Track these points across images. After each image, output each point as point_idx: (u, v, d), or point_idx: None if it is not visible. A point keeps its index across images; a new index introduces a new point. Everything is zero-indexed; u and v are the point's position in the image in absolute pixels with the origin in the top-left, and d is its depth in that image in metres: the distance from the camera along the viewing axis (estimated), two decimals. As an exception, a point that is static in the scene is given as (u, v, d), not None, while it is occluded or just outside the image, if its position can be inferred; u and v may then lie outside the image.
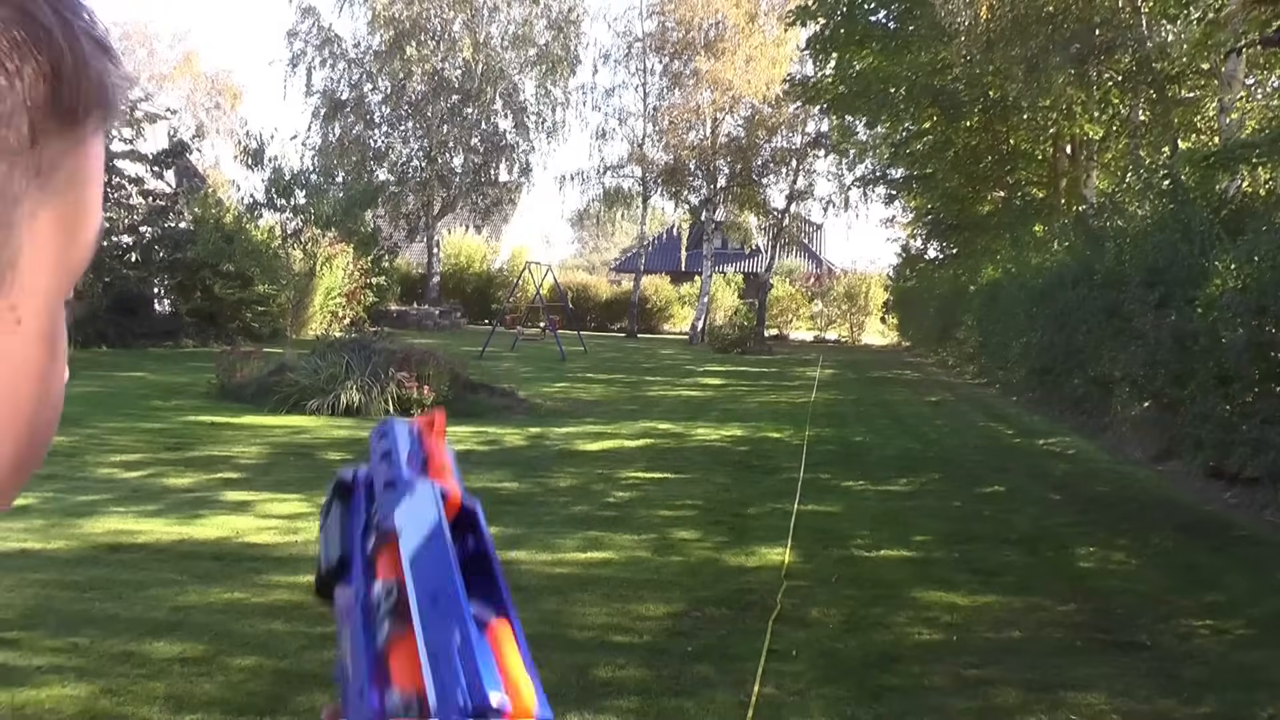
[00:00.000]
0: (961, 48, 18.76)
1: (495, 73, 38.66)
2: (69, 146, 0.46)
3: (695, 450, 11.62)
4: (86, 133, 0.47)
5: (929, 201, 29.93)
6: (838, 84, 24.51)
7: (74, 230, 0.48)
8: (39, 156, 0.44)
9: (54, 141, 0.44)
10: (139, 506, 7.55)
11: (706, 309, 39.29)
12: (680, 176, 38.27)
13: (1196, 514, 8.89)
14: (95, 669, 4.41)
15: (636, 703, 4.34)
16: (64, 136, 0.45)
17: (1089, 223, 17.40)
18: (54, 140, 0.44)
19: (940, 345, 30.18)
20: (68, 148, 0.45)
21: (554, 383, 19.21)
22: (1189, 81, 18.51)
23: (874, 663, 4.92)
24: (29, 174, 0.43)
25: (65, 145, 0.45)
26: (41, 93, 0.43)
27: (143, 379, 16.20)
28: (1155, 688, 4.72)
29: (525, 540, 7.05)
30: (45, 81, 0.43)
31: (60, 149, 0.45)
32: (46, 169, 0.44)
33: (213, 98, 49.75)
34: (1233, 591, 6.50)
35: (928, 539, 7.61)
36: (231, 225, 23.85)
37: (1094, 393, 13.91)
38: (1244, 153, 11.83)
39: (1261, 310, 9.05)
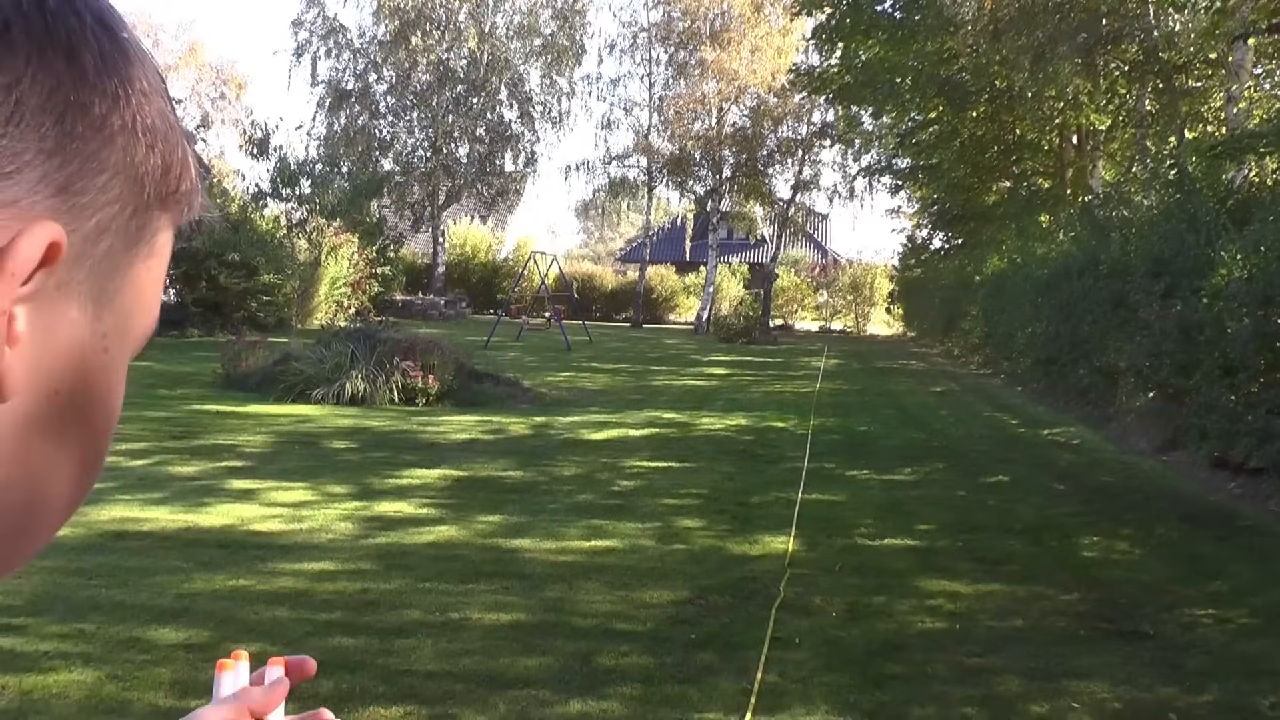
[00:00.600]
0: (968, 37, 18.75)
1: (500, 63, 38.64)
2: (165, 223, 0.53)
3: (700, 440, 11.63)
4: (176, 217, 0.54)
5: (935, 191, 29.92)
6: (843, 74, 24.51)
7: (151, 298, 0.55)
8: (150, 219, 0.51)
9: (160, 215, 0.52)
10: (145, 494, 7.56)
11: (711, 299, 39.30)
12: (685, 167, 38.26)
13: (1201, 504, 8.88)
14: (101, 655, 4.43)
15: (640, 690, 4.35)
16: (166, 215, 0.53)
17: (1095, 213, 17.39)
18: (160, 213, 0.52)
19: (946, 336, 30.17)
20: (164, 224, 0.53)
21: (559, 372, 19.21)
22: (1196, 71, 18.48)
23: (877, 651, 4.93)
24: (143, 230, 0.51)
25: (163, 220, 0.53)
26: (159, 165, 0.50)
27: (148, 368, 16.21)
28: (1158, 676, 4.72)
29: (529, 528, 7.06)
30: (165, 160, 0.51)
31: (160, 221, 0.53)
32: (148, 233, 0.52)
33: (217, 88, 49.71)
34: (1236, 581, 6.49)
35: (931, 528, 7.62)
36: (237, 215, 23.84)
37: (1099, 383, 13.91)
38: (1251, 142, 11.80)
39: (1267, 300, 9.04)
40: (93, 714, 3.89)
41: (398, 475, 8.80)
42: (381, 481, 8.51)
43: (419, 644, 4.75)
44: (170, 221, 0.54)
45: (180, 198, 0.53)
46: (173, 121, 0.52)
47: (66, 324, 0.48)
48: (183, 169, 0.52)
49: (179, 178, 0.52)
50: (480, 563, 6.16)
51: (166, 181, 0.51)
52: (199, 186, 0.55)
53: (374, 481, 8.48)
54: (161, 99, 0.51)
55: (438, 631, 4.92)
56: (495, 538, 6.81)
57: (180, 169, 0.52)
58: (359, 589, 5.54)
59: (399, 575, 5.81)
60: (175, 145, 0.52)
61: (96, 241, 0.48)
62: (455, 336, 20.32)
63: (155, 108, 0.50)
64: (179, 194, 0.53)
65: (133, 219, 0.50)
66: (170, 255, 0.56)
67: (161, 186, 0.51)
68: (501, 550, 6.49)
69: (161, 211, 0.52)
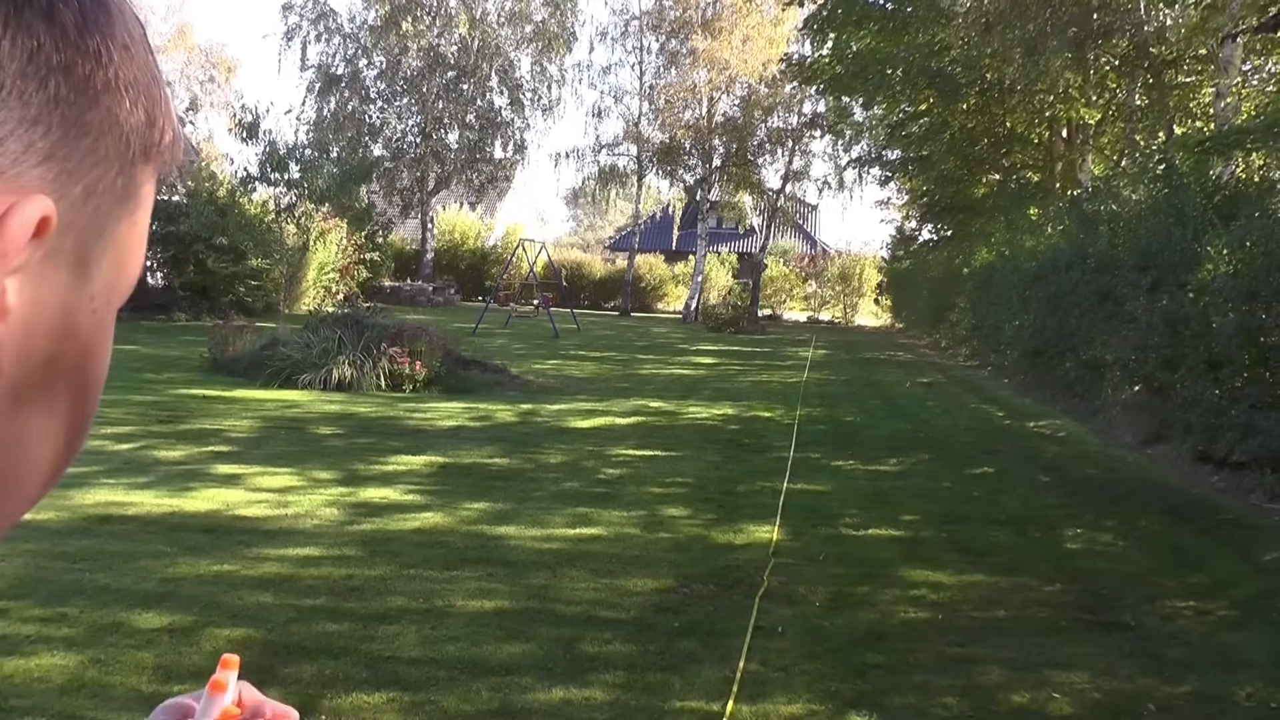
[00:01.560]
0: (959, 29, 18.74)
1: (491, 49, 38.53)
2: (148, 175, 0.52)
3: (686, 428, 11.64)
4: (158, 168, 0.53)
5: (924, 183, 29.93)
6: (835, 64, 24.44)
7: (137, 249, 0.53)
8: (135, 174, 0.50)
9: (144, 168, 0.51)
10: (130, 478, 7.55)
11: (700, 288, 39.30)
12: (676, 155, 38.23)
13: (1184, 497, 8.93)
14: (84, 639, 4.43)
15: (623, 677, 4.36)
16: (147, 165, 0.51)
17: (1083, 206, 17.43)
18: (144, 167, 0.51)
19: (933, 327, 30.23)
20: (147, 176, 0.52)
21: (546, 360, 19.21)
22: (1186, 66, 18.51)
23: (860, 640, 4.95)
24: (129, 186, 0.50)
25: (146, 173, 0.52)
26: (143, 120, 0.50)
27: (135, 352, 16.17)
28: (1138, 667, 4.75)
29: (515, 516, 7.07)
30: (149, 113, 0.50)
31: (144, 174, 0.52)
32: (133, 188, 0.51)
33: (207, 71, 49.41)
34: (1217, 573, 6.54)
35: (916, 519, 7.64)
36: (225, 199, 23.73)
37: (1085, 376, 13.95)
38: (1239, 138, 11.84)
39: (1252, 295, 9.08)
40: (74, 698, 3.89)
41: (384, 461, 8.80)
42: (367, 467, 8.50)
43: (403, 630, 4.75)
44: (153, 173, 0.53)
45: (164, 149, 0.52)
46: (154, 72, 0.51)
47: (55, 290, 0.47)
48: (165, 120, 0.52)
49: (162, 129, 0.51)
50: (465, 549, 6.16)
51: (150, 135, 0.50)
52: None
53: (360, 467, 8.48)
54: (143, 50, 0.50)
55: (421, 618, 4.93)
56: (480, 525, 6.82)
57: (163, 120, 0.51)
58: (344, 575, 5.54)
59: (384, 561, 5.81)
60: (157, 97, 0.51)
61: (84, 206, 0.47)
62: (443, 323, 20.31)
63: (137, 61, 0.49)
64: (162, 145, 0.52)
65: (119, 178, 0.49)
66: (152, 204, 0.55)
67: (145, 140, 0.50)
68: (486, 537, 6.50)
69: (145, 165, 0.51)
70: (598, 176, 40.69)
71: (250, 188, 21.55)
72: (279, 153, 19.76)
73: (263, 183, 20.63)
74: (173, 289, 24.38)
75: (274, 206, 21.59)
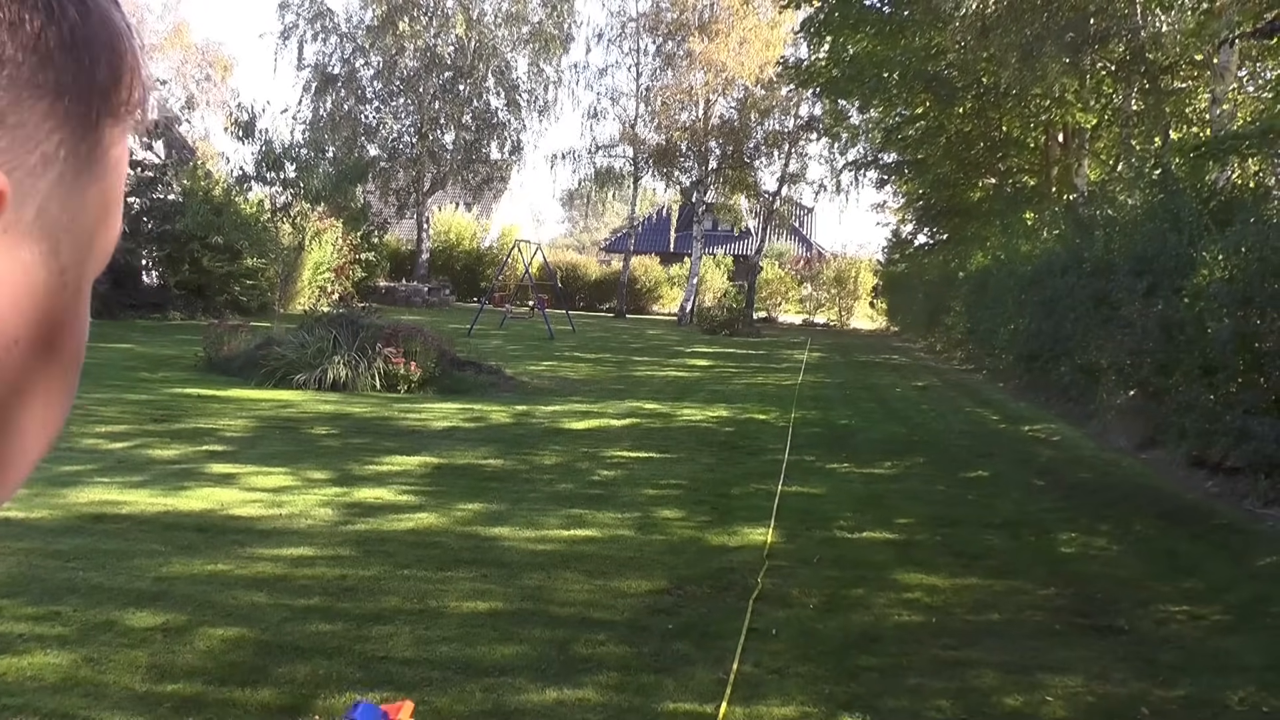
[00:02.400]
0: (956, 33, 18.74)
1: (488, 50, 38.49)
2: (117, 136, 0.49)
3: (681, 430, 11.64)
4: (127, 127, 0.50)
5: (920, 187, 29.95)
6: (831, 67, 24.43)
7: (110, 214, 0.51)
8: (101, 136, 0.48)
9: (111, 129, 0.48)
10: (124, 477, 7.54)
11: (695, 290, 39.31)
12: (672, 157, 38.23)
13: (1178, 502, 8.94)
14: (77, 638, 4.41)
15: (616, 679, 4.36)
16: (115, 125, 0.49)
17: (1079, 211, 17.44)
18: (108, 125, 0.48)
19: (928, 331, 30.25)
20: (116, 137, 0.49)
21: (541, 361, 19.21)
22: (1182, 72, 18.53)
23: (853, 643, 4.95)
24: (94, 150, 0.47)
25: (115, 134, 0.49)
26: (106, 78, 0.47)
27: (130, 350, 16.15)
28: (1131, 671, 4.76)
29: (509, 517, 7.07)
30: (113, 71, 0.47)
31: (112, 135, 0.49)
32: (100, 152, 0.48)
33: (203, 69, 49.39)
34: (1211, 578, 6.54)
35: (910, 522, 7.64)
36: (220, 198, 23.71)
37: (1080, 380, 13.96)
38: (1234, 144, 11.85)
39: (1247, 301, 9.09)
40: (67, 697, 3.88)
41: (378, 462, 8.79)
42: (362, 468, 8.50)
43: (396, 631, 4.75)
44: (123, 133, 0.50)
45: (133, 107, 0.49)
46: (118, 26, 0.48)
47: (19, 268, 0.45)
48: (133, 76, 0.49)
49: (130, 86, 0.48)
50: (459, 550, 6.16)
51: (116, 94, 0.48)
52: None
53: (354, 467, 8.47)
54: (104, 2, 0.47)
55: (415, 618, 4.92)
56: (475, 525, 6.81)
57: (131, 77, 0.48)
58: (337, 575, 5.53)
59: (378, 562, 5.81)
60: (123, 52, 0.48)
61: (43, 174, 0.44)
62: (438, 324, 20.29)
63: (96, 14, 0.46)
64: (131, 103, 0.49)
65: (82, 142, 0.46)
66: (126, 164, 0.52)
67: (111, 100, 0.48)
68: (480, 538, 6.50)
69: (113, 125, 0.49)
70: (594, 178, 40.67)
71: (246, 187, 21.50)
72: (275, 152, 19.71)
73: (258, 182, 20.59)
74: (168, 288, 24.36)
75: (269, 206, 21.55)
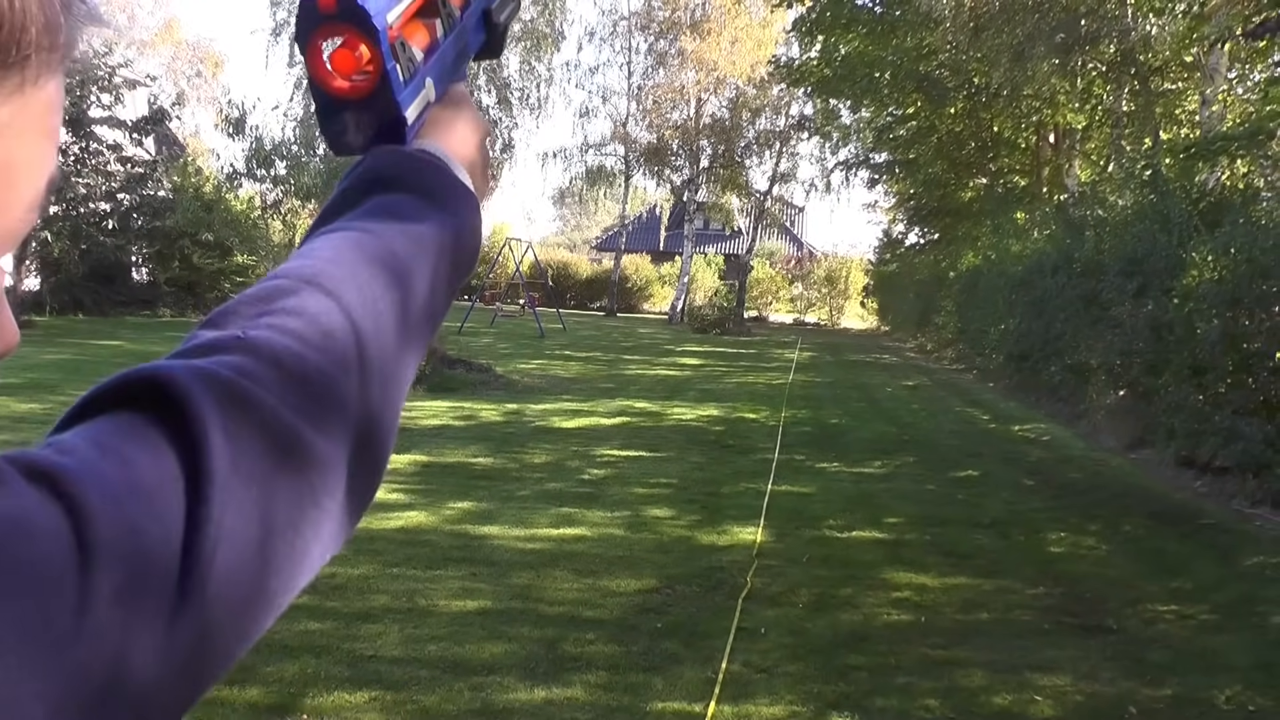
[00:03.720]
0: (947, 34, 18.77)
1: (479, 47, 38.43)
2: (15, 88, 0.43)
3: (671, 429, 11.64)
4: (29, 76, 0.43)
5: (911, 187, 30.00)
6: (823, 67, 24.48)
7: (21, 165, 0.45)
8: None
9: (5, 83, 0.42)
10: (111, 474, 7.50)
11: (686, 289, 39.31)
12: (663, 156, 38.21)
13: (1167, 502, 8.95)
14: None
15: (605, 677, 4.36)
16: (10, 77, 0.43)
17: (1069, 211, 17.47)
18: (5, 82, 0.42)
19: (919, 330, 30.29)
20: (13, 89, 0.43)
21: (532, 360, 19.19)
22: (1172, 74, 18.56)
23: (842, 642, 4.95)
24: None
25: (10, 86, 0.43)
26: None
27: (119, 347, 16.10)
28: (1119, 670, 4.77)
29: (498, 515, 7.06)
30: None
31: (6, 89, 0.43)
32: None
33: (194, 65, 49.30)
34: (1199, 578, 6.55)
35: (900, 521, 7.65)
36: (211, 194, 23.66)
37: (1070, 380, 13.98)
38: (1224, 145, 11.86)
39: (1236, 302, 9.12)
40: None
41: (368, 459, 8.76)
42: (351, 465, 8.46)
43: (385, 629, 4.74)
44: (20, 84, 0.43)
45: (28, 52, 0.43)
46: None
47: None
48: (23, 17, 0.42)
49: (20, 29, 0.42)
50: (448, 549, 6.15)
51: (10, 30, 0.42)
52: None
53: (344, 465, 8.43)
54: None
55: (404, 617, 4.91)
56: (464, 524, 6.80)
57: (20, 18, 0.42)
58: (326, 573, 5.49)
59: (367, 560, 5.79)
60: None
61: None
62: (429, 322, 20.19)
63: None
64: (23, 46, 0.42)
65: None
66: (48, 109, 0.46)
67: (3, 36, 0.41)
68: (470, 537, 6.49)
69: (7, 75, 0.43)
70: (585, 176, 40.64)
71: (236, 184, 21.41)
72: (265, 149, 19.65)
73: (249, 179, 20.51)
74: (158, 285, 24.31)
75: (260, 203, 21.49)
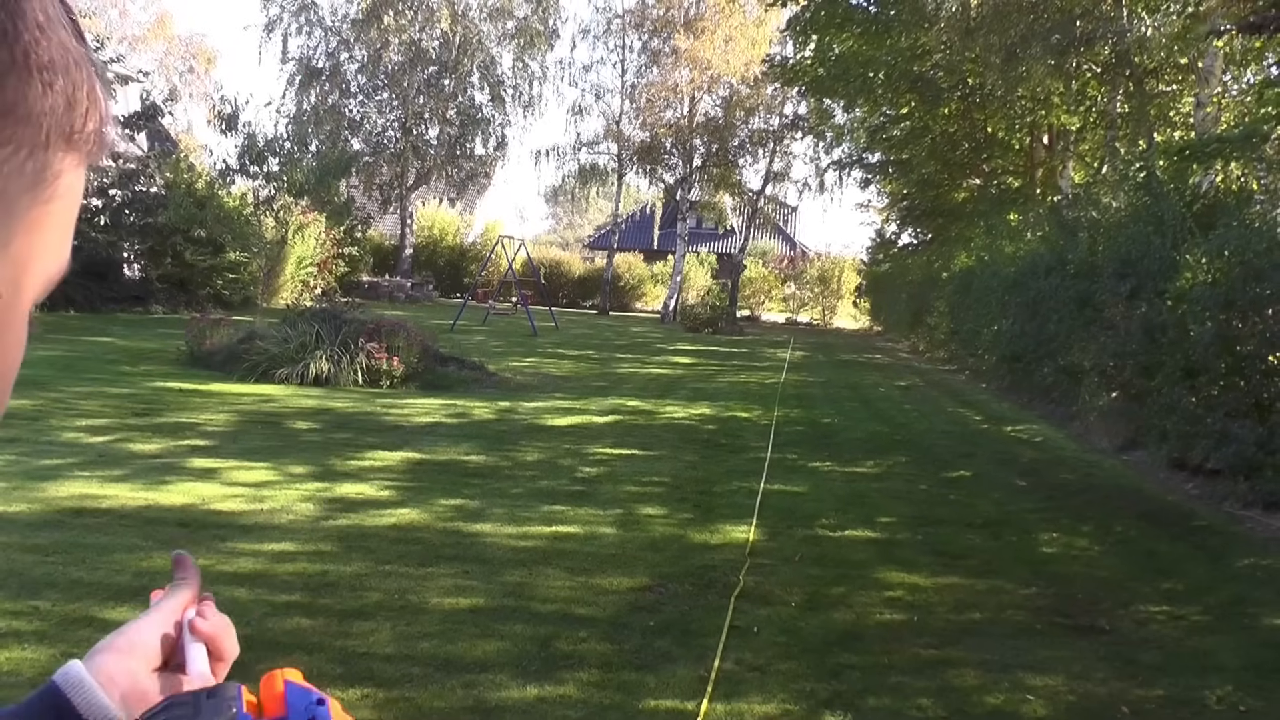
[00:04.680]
0: (941, 34, 18.78)
1: (473, 45, 38.45)
2: (71, 166, 0.50)
3: (663, 428, 11.64)
4: (82, 156, 0.51)
5: (905, 187, 30.01)
6: (817, 66, 24.47)
7: (54, 240, 0.51)
8: (50, 160, 0.48)
9: (63, 155, 0.49)
10: (104, 471, 7.49)
11: (679, 288, 39.32)
12: (656, 155, 38.22)
13: (1159, 503, 8.97)
14: (56, 632, 4.39)
15: (597, 676, 4.35)
16: (71, 155, 0.50)
17: (1063, 213, 17.49)
18: (63, 154, 0.49)
19: (912, 331, 30.31)
20: (69, 164, 0.50)
21: (524, 357, 19.18)
22: (1166, 76, 18.60)
23: (835, 641, 4.95)
24: (41, 173, 0.48)
25: (67, 161, 0.50)
26: (60, 103, 0.48)
27: (111, 344, 16.07)
28: (1111, 671, 4.77)
29: (490, 513, 7.05)
30: (68, 97, 0.48)
31: (63, 162, 0.50)
32: (49, 175, 0.49)
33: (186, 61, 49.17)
34: (1190, 579, 6.57)
35: (892, 521, 7.66)
36: (203, 191, 23.61)
37: (1063, 381, 14.00)
38: (1218, 147, 11.88)
39: (1229, 304, 9.13)
40: (45, 690, 3.84)
41: (360, 457, 8.76)
42: (343, 463, 8.47)
43: (377, 626, 4.73)
44: (78, 161, 0.51)
45: (88, 136, 0.50)
46: (78, 54, 0.49)
47: None
48: (90, 105, 0.49)
49: (85, 115, 0.49)
50: (440, 546, 6.14)
51: (70, 120, 0.49)
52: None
53: (336, 463, 8.44)
54: (63, 30, 0.48)
55: (396, 614, 4.91)
56: (456, 522, 6.80)
57: (87, 105, 0.49)
58: (318, 570, 5.51)
59: (359, 557, 5.79)
60: (81, 81, 0.49)
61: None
62: (421, 319, 20.22)
63: (54, 41, 0.47)
64: (85, 132, 0.50)
65: (28, 161, 0.47)
66: (81, 194, 0.53)
67: (64, 125, 0.48)
68: (462, 534, 6.48)
69: (66, 151, 0.49)
70: (578, 174, 40.64)
71: (229, 180, 21.40)
72: (258, 145, 19.63)
73: (242, 175, 20.49)
74: (150, 281, 24.25)
75: (253, 199, 21.45)
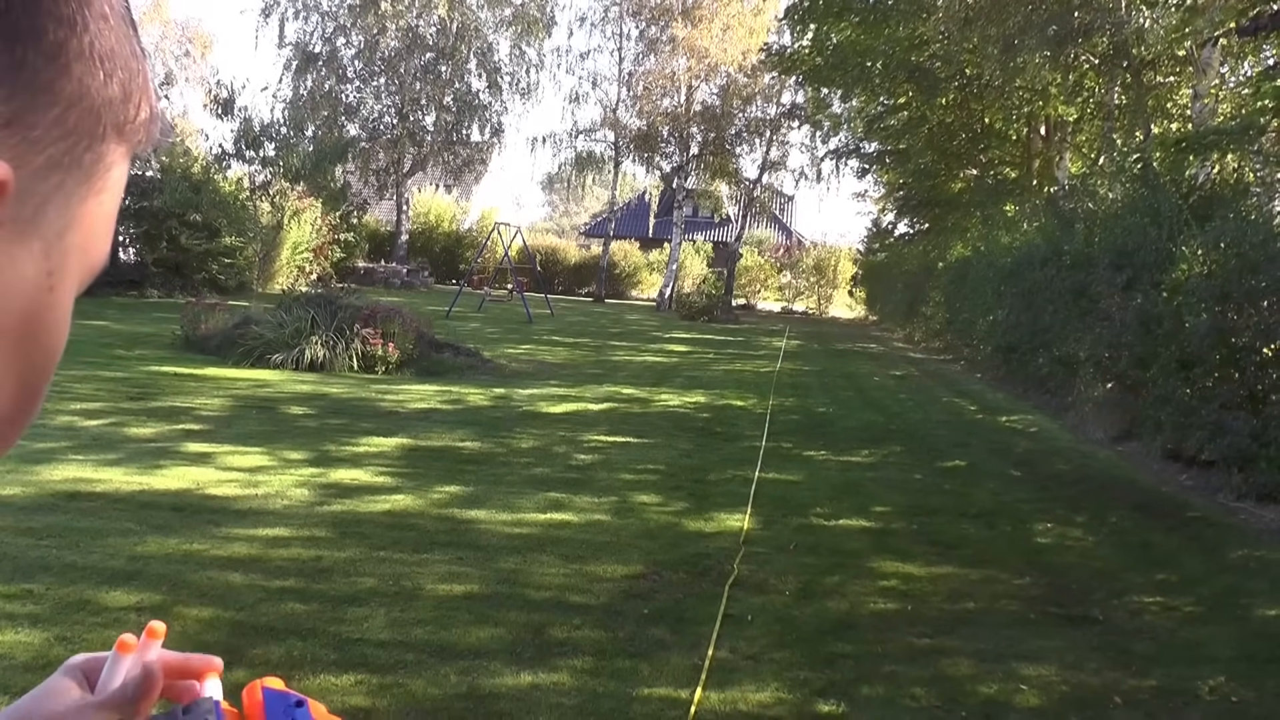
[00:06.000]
0: (939, 24, 18.76)
1: (470, 31, 38.35)
2: (120, 156, 0.51)
3: (658, 416, 11.64)
4: (131, 147, 0.52)
5: (901, 177, 30.01)
6: (814, 55, 24.46)
7: (102, 230, 0.52)
8: (105, 151, 0.49)
9: (115, 147, 0.50)
10: (99, 455, 7.48)
11: (675, 276, 39.31)
12: (653, 143, 38.15)
13: (1153, 494, 8.99)
14: (50, 616, 4.38)
15: (591, 663, 4.36)
16: (120, 143, 0.51)
17: (1060, 204, 17.50)
18: (114, 140, 0.50)
19: (907, 320, 30.33)
20: (119, 156, 0.51)
21: (519, 344, 19.18)
22: (1164, 67, 18.58)
23: (829, 630, 4.96)
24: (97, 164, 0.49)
25: (118, 152, 0.51)
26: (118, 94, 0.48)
27: (106, 327, 16.03)
28: (1105, 661, 4.78)
29: (485, 500, 7.05)
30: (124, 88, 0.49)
31: (115, 153, 0.51)
32: (102, 167, 0.50)
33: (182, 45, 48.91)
34: (1184, 570, 6.58)
35: (887, 510, 7.66)
36: (199, 175, 23.55)
37: (1058, 372, 14.02)
38: (1215, 139, 11.88)
39: (1225, 296, 9.14)
40: (39, 676, 3.83)
41: (355, 443, 8.76)
42: (338, 449, 8.46)
43: (371, 613, 4.73)
44: (125, 153, 0.52)
45: (138, 127, 0.51)
46: (134, 47, 0.50)
47: (10, 262, 0.46)
48: (142, 96, 0.50)
49: (138, 106, 0.50)
50: (435, 533, 6.14)
51: (125, 111, 0.49)
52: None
53: (331, 448, 8.43)
54: (123, 22, 0.49)
55: (390, 600, 4.91)
56: (451, 508, 6.79)
57: (140, 97, 0.50)
58: (313, 556, 5.51)
59: (353, 543, 5.78)
60: (135, 72, 0.50)
61: (46, 177, 0.46)
62: (417, 305, 20.19)
63: (116, 32, 0.48)
64: (137, 123, 0.51)
65: (87, 152, 0.48)
66: (124, 186, 0.54)
67: (119, 116, 0.49)
68: (457, 521, 6.48)
69: (118, 143, 0.50)
70: (574, 162, 40.59)
71: (225, 165, 21.36)
72: (254, 130, 19.59)
73: (238, 160, 20.46)
74: (145, 265, 24.18)
75: (249, 184, 21.43)
